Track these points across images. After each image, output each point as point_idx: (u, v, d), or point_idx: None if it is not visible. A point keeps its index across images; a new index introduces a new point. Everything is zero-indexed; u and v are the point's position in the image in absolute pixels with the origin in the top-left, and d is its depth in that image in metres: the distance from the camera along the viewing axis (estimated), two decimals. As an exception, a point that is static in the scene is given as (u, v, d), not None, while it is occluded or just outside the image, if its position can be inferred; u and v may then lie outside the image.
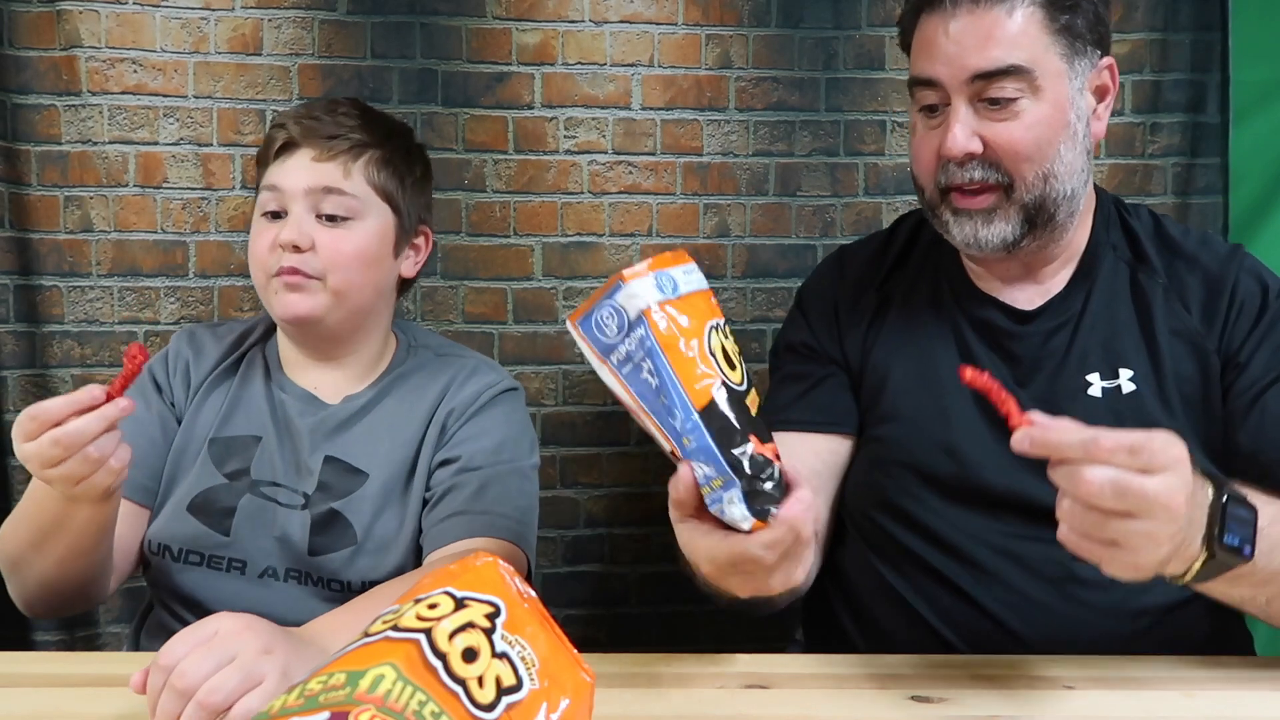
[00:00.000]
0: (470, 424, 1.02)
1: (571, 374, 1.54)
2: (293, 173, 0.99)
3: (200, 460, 1.01)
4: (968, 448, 0.96)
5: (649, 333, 0.65)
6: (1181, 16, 1.56)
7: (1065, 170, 0.92)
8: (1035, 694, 0.76)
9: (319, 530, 0.97)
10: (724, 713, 0.73)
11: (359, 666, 0.50)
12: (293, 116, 1.02)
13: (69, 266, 1.45)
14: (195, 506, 0.98)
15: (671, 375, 0.66)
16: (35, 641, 1.42)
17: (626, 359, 0.67)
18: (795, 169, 1.55)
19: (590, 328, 0.68)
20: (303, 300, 0.98)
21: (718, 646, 0.85)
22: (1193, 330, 0.95)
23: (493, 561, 0.59)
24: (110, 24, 1.44)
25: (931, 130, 0.95)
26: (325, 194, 0.99)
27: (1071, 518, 0.67)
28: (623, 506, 1.54)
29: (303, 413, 1.03)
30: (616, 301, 0.66)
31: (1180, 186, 1.57)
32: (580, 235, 1.53)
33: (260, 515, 0.98)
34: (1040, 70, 0.90)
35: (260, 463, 1.01)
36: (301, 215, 0.98)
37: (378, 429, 1.02)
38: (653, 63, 1.53)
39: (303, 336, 1.04)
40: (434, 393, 1.04)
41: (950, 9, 0.91)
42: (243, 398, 1.04)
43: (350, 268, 0.99)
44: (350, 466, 1.00)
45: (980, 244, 0.94)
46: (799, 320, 1.11)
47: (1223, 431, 0.94)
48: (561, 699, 0.54)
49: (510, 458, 1.02)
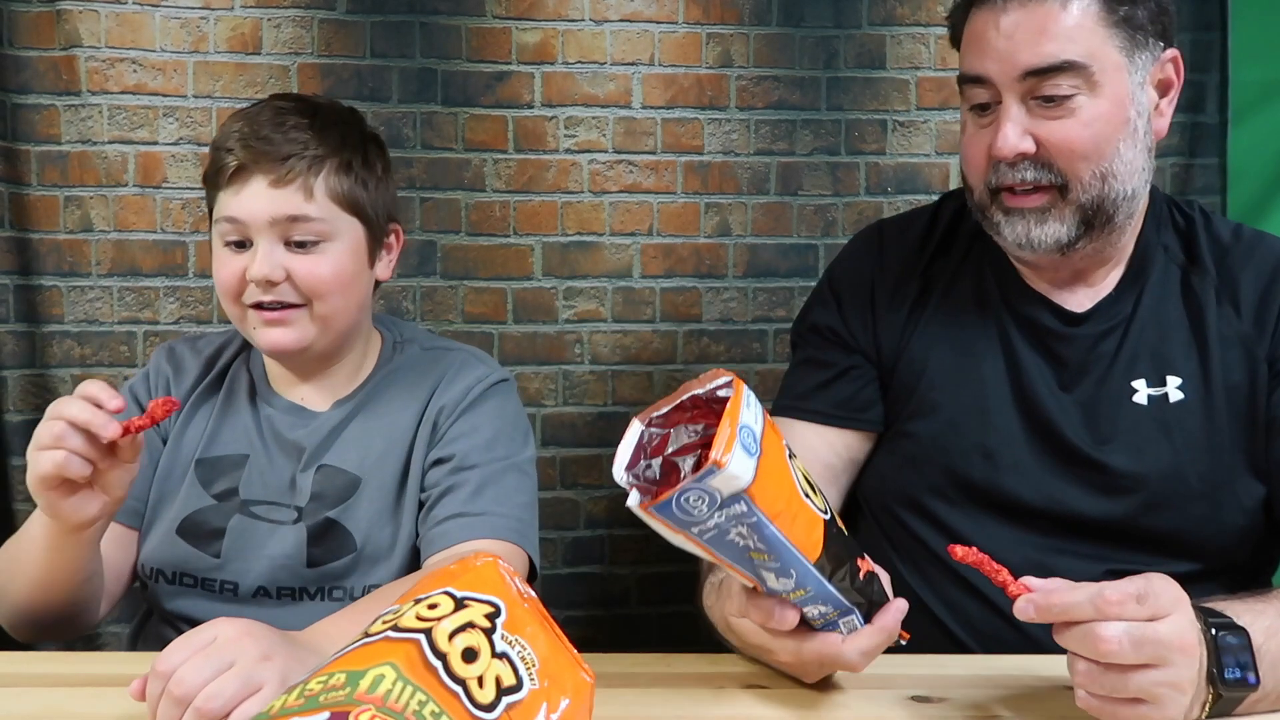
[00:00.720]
0: (462, 420, 0.98)
1: (571, 374, 1.54)
2: (250, 202, 0.91)
3: (188, 482, 0.98)
4: (1004, 452, 0.93)
5: (753, 508, 0.60)
6: (1181, 16, 1.55)
7: (1125, 170, 0.87)
8: (1035, 694, 0.76)
9: (316, 541, 0.95)
10: (724, 713, 0.73)
11: (359, 666, 0.50)
12: (238, 138, 0.92)
13: (69, 266, 1.45)
14: (184, 529, 0.96)
15: (783, 542, 0.63)
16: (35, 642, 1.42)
17: (713, 529, 0.62)
18: (796, 168, 1.55)
19: (671, 511, 0.61)
20: (287, 333, 0.93)
21: (718, 647, 0.85)
22: (1244, 335, 0.91)
23: (493, 562, 0.59)
24: (110, 24, 1.44)
25: (982, 129, 0.91)
26: (291, 223, 0.92)
27: (1090, 681, 0.64)
28: (623, 507, 1.53)
29: (292, 425, 1.00)
30: (710, 485, 0.59)
31: (1179, 186, 1.57)
32: (580, 235, 1.53)
33: (251, 535, 0.96)
34: (1098, 65, 0.85)
35: (249, 482, 0.98)
36: (269, 246, 0.91)
37: (369, 432, 0.99)
38: (653, 62, 1.53)
39: (288, 362, 1.00)
40: (424, 390, 1.01)
41: (1002, 3, 0.86)
42: (228, 416, 1.01)
43: (332, 293, 0.94)
44: (343, 473, 0.97)
45: (1033, 245, 0.89)
46: (829, 301, 1.04)
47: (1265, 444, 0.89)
48: (561, 699, 0.54)
49: (505, 454, 0.98)
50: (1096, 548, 0.91)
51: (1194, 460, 0.90)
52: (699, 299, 1.55)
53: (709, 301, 1.56)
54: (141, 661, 0.84)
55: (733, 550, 0.64)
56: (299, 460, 0.98)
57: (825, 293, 1.07)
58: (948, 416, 0.96)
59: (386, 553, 0.96)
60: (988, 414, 0.95)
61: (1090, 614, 0.63)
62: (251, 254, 0.92)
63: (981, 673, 0.80)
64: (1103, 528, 0.91)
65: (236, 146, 0.92)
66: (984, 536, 0.92)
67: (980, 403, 0.95)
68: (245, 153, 0.91)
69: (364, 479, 0.97)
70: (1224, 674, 0.66)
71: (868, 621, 0.71)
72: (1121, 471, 0.90)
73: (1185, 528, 0.89)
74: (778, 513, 0.62)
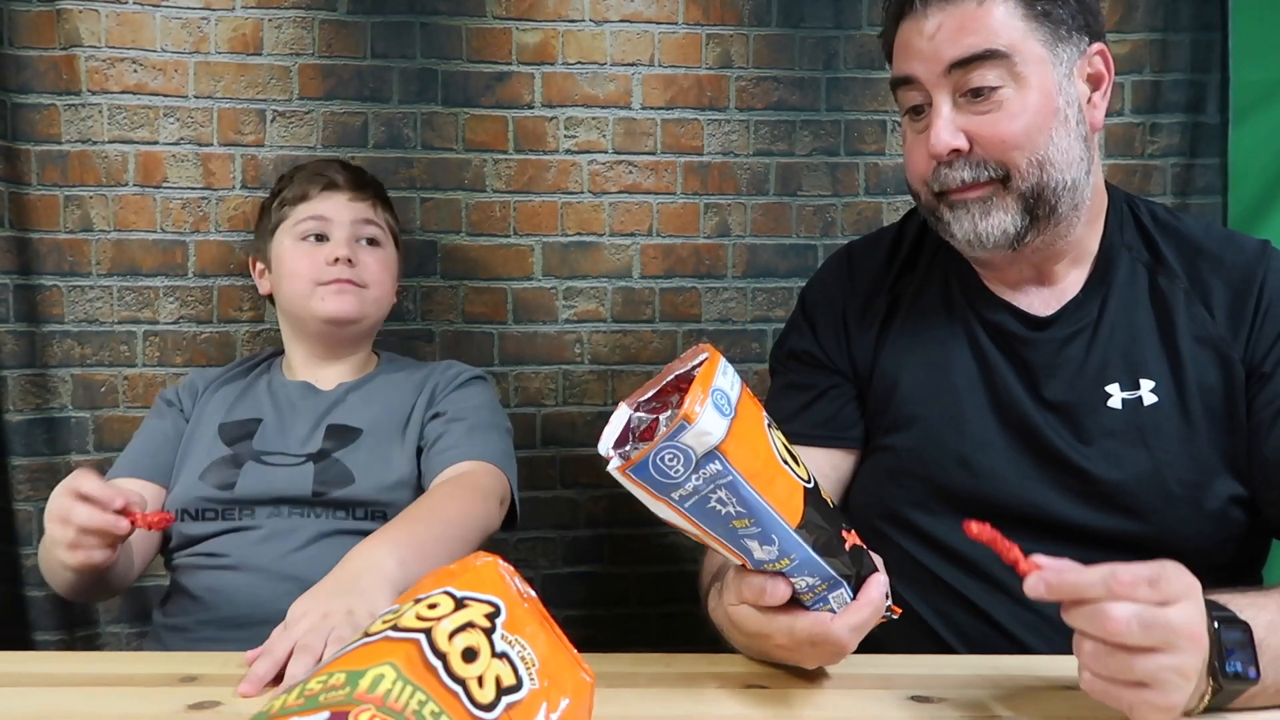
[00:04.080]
0: (454, 392, 1.22)
1: (571, 374, 1.54)
2: (337, 207, 1.23)
3: (209, 440, 1.18)
4: (981, 458, 0.93)
5: (728, 466, 0.60)
6: (1181, 16, 1.57)
7: (1062, 158, 0.88)
8: (1035, 694, 0.76)
9: (321, 476, 1.13)
10: (724, 713, 0.73)
11: (359, 666, 0.50)
12: (327, 167, 1.26)
13: (69, 266, 1.45)
14: (204, 473, 1.14)
15: (760, 503, 0.63)
16: (35, 641, 1.43)
17: (692, 493, 0.62)
18: (796, 169, 1.55)
19: (648, 472, 0.60)
20: (351, 302, 1.20)
21: (718, 646, 0.84)
22: (1217, 337, 0.90)
23: (493, 562, 0.59)
24: (110, 23, 1.44)
25: (919, 135, 0.93)
26: (365, 224, 1.24)
27: (1095, 661, 0.64)
28: (622, 507, 1.54)
29: (304, 395, 1.22)
30: (683, 442, 0.59)
31: (1180, 187, 1.57)
32: (580, 235, 1.53)
33: (262, 474, 1.13)
34: (1020, 57, 0.87)
35: (262, 437, 1.17)
36: (344, 238, 1.22)
37: (371, 398, 1.22)
38: (653, 62, 1.53)
39: (334, 334, 1.23)
40: (418, 377, 1.25)
41: (922, 10, 0.89)
42: (248, 392, 1.24)
43: (384, 281, 1.25)
44: (348, 427, 1.18)
45: (982, 239, 0.90)
46: (803, 327, 1.07)
47: (1247, 444, 0.89)
48: (561, 699, 0.54)
49: (490, 418, 1.21)
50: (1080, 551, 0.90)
51: (1172, 463, 0.89)
52: (698, 299, 1.55)
53: (708, 301, 1.56)
54: (141, 661, 0.84)
55: (715, 520, 0.63)
56: (310, 421, 1.18)
57: (799, 319, 1.09)
58: (924, 427, 0.96)
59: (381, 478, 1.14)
60: (963, 422, 0.95)
61: (1101, 594, 0.63)
62: (332, 245, 1.21)
63: (981, 673, 0.80)
64: (1085, 531, 0.90)
65: (328, 172, 1.25)
66: (968, 545, 0.91)
67: (955, 411, 0.95)
68: (339, 176, 1.25)
69: (365, 430, 1.17)
70: (1225, 667, 0.66)
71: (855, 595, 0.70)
72: (1101, 478, 0.90)
73: (1167, 530, 0.89)
74: (754, 473, 0.62)
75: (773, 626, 0.71)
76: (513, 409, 1.53)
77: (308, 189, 1.23)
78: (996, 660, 0.83)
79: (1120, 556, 0.89)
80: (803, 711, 0.73)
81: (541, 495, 1.54)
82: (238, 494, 1.12)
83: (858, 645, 0.72)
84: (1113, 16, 1.56)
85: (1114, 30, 1.57)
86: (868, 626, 0.70)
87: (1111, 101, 1.63)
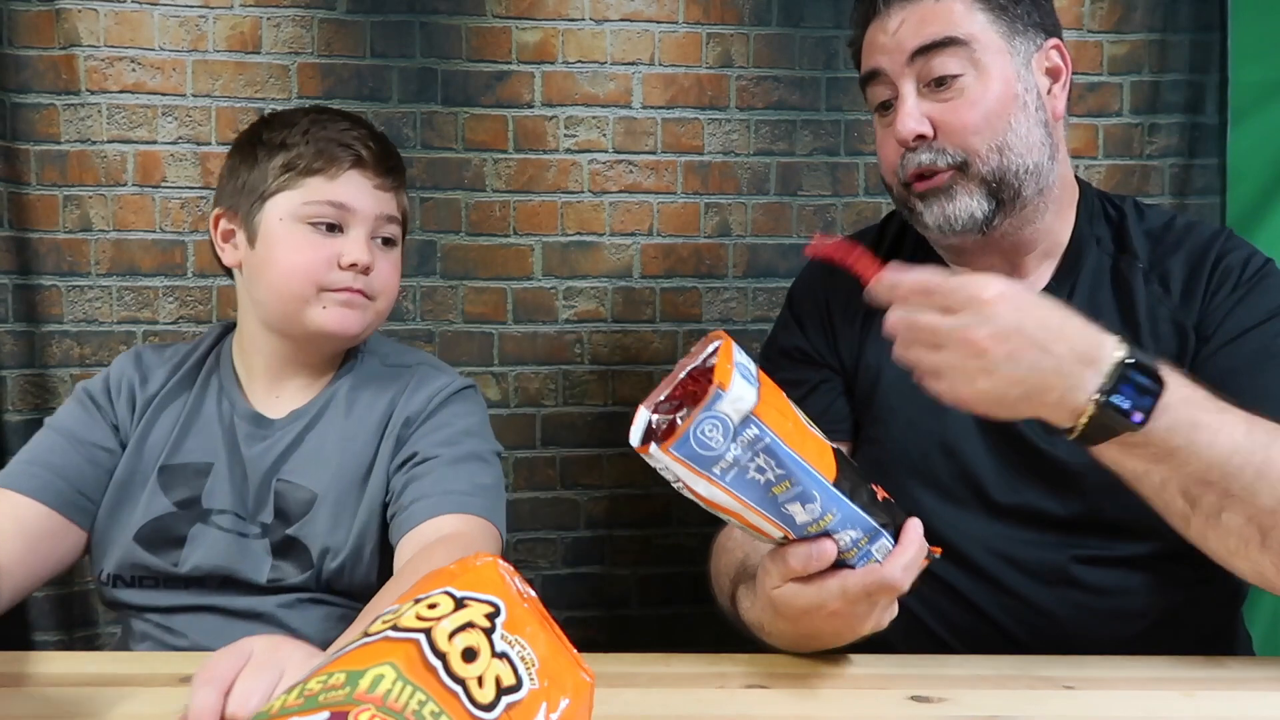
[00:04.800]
0: (424, 426, 1.00)
1: (572, 374, 1.54)
2: (361, 195, 0.98)
3: (149, 488, 0.97)
4: (964, 445, 0.95)
5: (765, 429, 0.63)
6: (1180, 17, 1.57)
7: (1021, 143, 0.91)
8: (1035, 694, 0.76)
9: (278, 555, 0.96)
10: (724, 713, 0.73)
11: (359, 666, 0.50)
12: (355, 138, 0.99)
13: (68, 266, 1.45)
14: (143, 536, 0.95)
15: (799, 461, 0.65)
16: (35, 641, 1.42)
17: (733, 464, 0.64)
18: (796, 168, 1.55)
19: (690, 447, 0.63)
20: (356, 318, 0.98)
21: (718, 646, 0.84)
22: (1174, 310, 0.93)
23: (492, 562, 0.59)
24: (109, 23, 1.44)
25: (888, 128, 0.96)
26: (387, 221, 1.01)
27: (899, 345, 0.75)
28: (623, 508, 1.54)
29: (250, 437, 1.00)
30: (720, 411, 0.62)
31: (1178, 187, 1.57)
32: (580, 235, 1.53)
33: (214, 544, 0.96)
34: (979, 45, 0.91)
35: (212, 491, 0.98)
36: (363, 236, 0.98)
37: (325, 447, 1.00)
38: (653, 61, 1.53)
39: (320, 346, 1.02)
40: (382, 406, 1.02)
41: (885, 10, 0.94)
42: (196, 421, 1.01)
43: (393, 290, 1.03)
44: (301, 488, 0.98)
45: (951, 223, 0.93)
46: (791, 325, 1.09)
47: None
48: (561, 699, 0.54)
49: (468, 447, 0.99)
50: (1059, 535, 0.93)
51: None
52: (699, 299, 1.55)
53: (709, 301, 1.56)
54: (141, 661, 0.84)
55: (755, 491, 0.65)
56: (260, 471, 0.98)
57: (786, 317, 1.11)
58: (906, 417, 0.98)
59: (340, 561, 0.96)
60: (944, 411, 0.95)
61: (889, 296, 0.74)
62: (343, 241, 0.97)
63: (981, 672, 0.80)
64: (1062, 517, 0.92)
65: (356, 144, 0.98)
66: (956, 533, 0.94)
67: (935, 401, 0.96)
68: (367, 152, 0.99)
69: (320, 495, 0.98)
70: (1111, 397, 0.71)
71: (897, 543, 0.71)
72: (1069, 461, 0.91)
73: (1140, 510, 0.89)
74: (788, 434, 0.64)
75: (825, 593, 0.70)
76: (513, 409, 1.53)
77: (328, 163, 0.97)
78: (996, 660, 0.83)
79: (1099, 537, 0.92)
80: (803, 711, 0.73)
81: (541, 496, 1.54)
82: (185, 570, 0.95)
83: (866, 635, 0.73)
84: (1112, 16, 1.57)
85: (1113, 30, 1.57)
86: (916, 566, 0.71)
87: (1110, 102, 1.64)
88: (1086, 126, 1.57)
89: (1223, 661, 0.83)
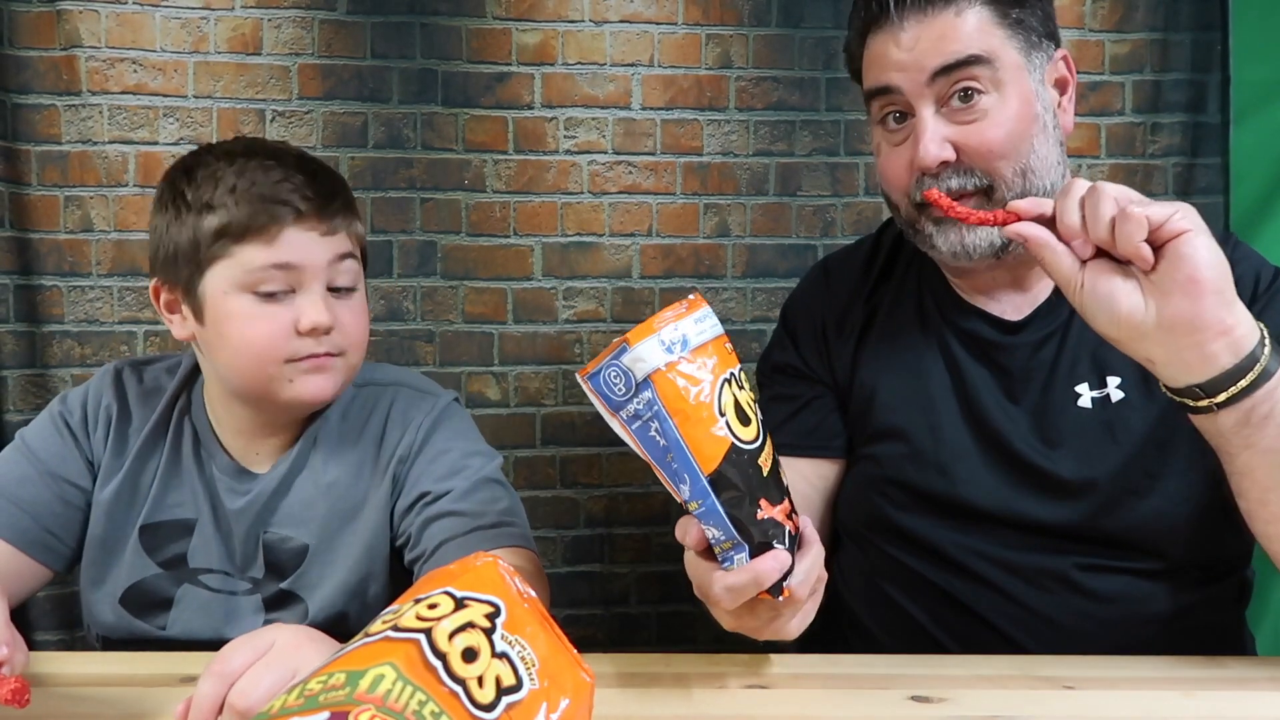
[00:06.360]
0: (419, 460, 0.96)
1: (571, 374, 1.54)
2: (307, 249, 0.87)
3: (131, 548, 0.93)
4: (958, 466, 0.94)
5: (656, 397, 0.64)
6: (1181, 16, 1.56)
7: (1042, 165, 0.89)
8: (1035, 694, 0.76)
9: (272, 609, 0.93)
10: (724, 713, 0.73)
11: (359, 666, 0.50)
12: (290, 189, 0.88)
13: (69, 266, 1.45)
14: (128, 599, 0.92)
15: (680, 442, 0.65)
16: (35, 641, 1.43)
17: (636, 416, 0.66)
18: (795, 169, 1.55)
19: (599, 384, 0.66)
20: (330, 381, 0.90)
21: (718, 646, 0.85)
22: None
23: (493, 562, 0.59)
24: (110, 24, 1.44)
25: (897, 146, 0.92)
26: (339, 261, 0.90)
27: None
28: (622, 506, 1.54)
29: (231, 491, 0.95)
30: (622, 364, 0.65)
31: (1181, 186, 1.57)
32: (580, 235, 1.53)
33: (203, 605, 0.93)
34: (1000, 63, 0.87)
35: (196, 550, 0.94)
36: (318, 294, 0.88)
37: (310, 493, 0.95)
38: (653, 62, 1.53)
39: (295, 414, 0.96)
40: (367, 442, 0.97)
41: (897, 22, 0.88)
42: (174, 475, 0.96)
43: (363, 343, 0.94)
44: (290, 539, 0.94)
45: (969, 252, 0.90)
46: (785, 341, 1.08)
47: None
48: (561, 699, 0.54)
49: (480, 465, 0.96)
50: (1060, 550, 0.92)
51: (1141, 457, 0.90)
52: (699, 299, 1.55)
53: (708, 301, 1.55)
54: (141, 661, 0.84)
55: (655, 450, 0.66)
56: (245, 524, 0.94)
57: (781, 333, 1.10)
58: (902, 436, 0.97)
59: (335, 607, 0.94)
60: (939, 430, 0.95)
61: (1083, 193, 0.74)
62: (297, 303, 0.88)
63: (981, 672, 0.80)
64: (1062, 531, 0.91)
65: (287, 194, 0.87)
66: (954, 548, 0.94)
67: (931, 419, 0.96)
68: (304, 203, 0.87)
69: (312, 546, 0.95)
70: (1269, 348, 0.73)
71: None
72: (1070, 478, 0.90)
73: (1142, 525, 0.89)
74: (679, 410, 0.65)
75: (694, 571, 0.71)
76: (513, 409, 1.53)
77: (266, 222, 0.86)
78: (996, 660, 0.83)
79: (1100, 553, 0.91)
80: (803, 711, 0.73)
81: (541, 495, 1.54)
82: (174, 634, 0.92)
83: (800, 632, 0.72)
84: (1113, 16, 1.56)
85: (1114, 30, 1.57)
86: (744, 592, 0.67)
87: (1112, 101, 1.64)
88: (1089, 126, 1.57)
89: (1223, 661, 0.83)
